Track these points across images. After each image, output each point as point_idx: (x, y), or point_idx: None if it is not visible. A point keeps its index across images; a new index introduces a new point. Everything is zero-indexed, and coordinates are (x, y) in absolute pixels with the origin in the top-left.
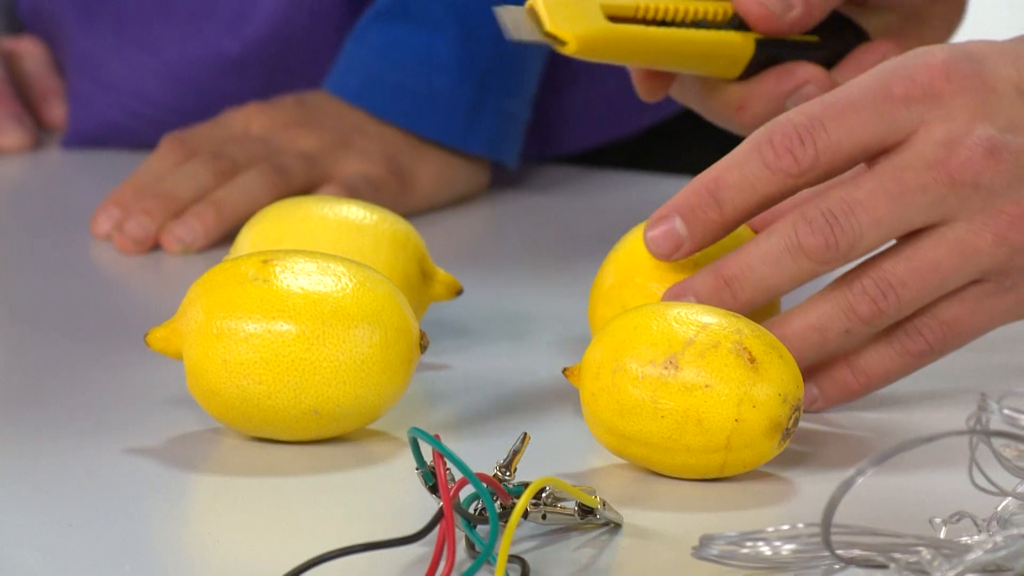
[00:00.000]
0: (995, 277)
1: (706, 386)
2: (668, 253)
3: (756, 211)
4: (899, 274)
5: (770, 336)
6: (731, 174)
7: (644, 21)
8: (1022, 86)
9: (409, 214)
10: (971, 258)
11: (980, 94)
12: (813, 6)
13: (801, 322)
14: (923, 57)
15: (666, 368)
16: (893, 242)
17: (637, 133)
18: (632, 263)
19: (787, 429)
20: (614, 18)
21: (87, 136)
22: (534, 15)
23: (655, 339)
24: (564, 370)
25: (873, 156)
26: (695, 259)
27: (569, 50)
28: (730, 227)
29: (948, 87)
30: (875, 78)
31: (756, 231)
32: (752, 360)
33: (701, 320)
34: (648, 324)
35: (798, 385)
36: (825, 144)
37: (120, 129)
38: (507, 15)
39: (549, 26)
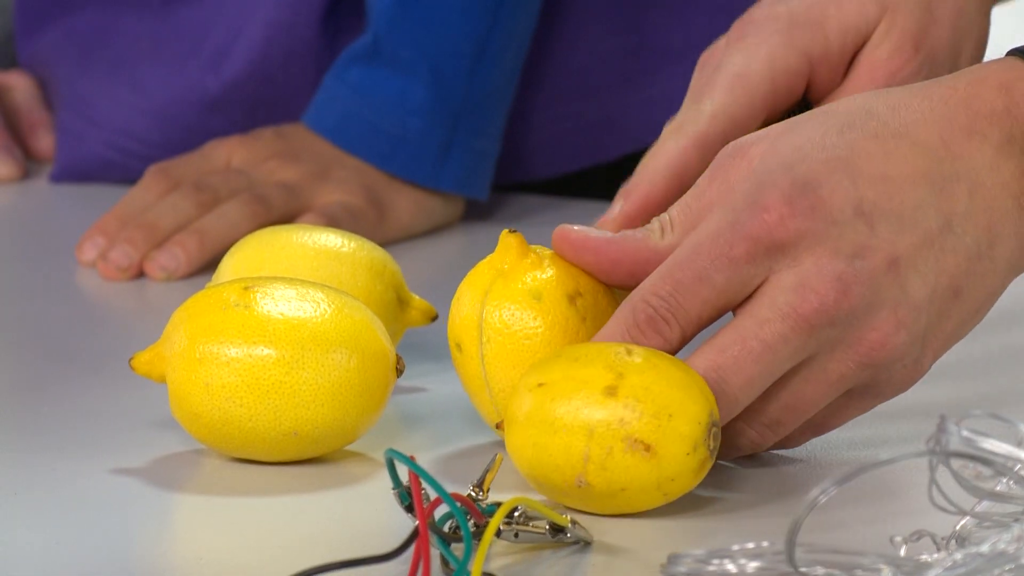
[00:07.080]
0: (860, 390)
1: (622, 489)
2: None
3: None
4: (773, 415)
5: (654, 402)
6: None
7: None
8: (861, 205)
9: (386, 243)
10: (837, 384)
11: (821, 229)
12: None
13: None
14: (755, 206)
15: (580, 486)
16: None
17: (608, 162)
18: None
19: (711, 450)
20: None
21: (75, 171)
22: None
23: (558, 461)
24: (496, 426)
25: (732, 308)
26: None
27: None
28: None
29: (787, 234)
30: (716, 241)
31: None
32: (647, 449)
33: (587, 424)
34: (548, 442)
35: (700, 420)
36: (686, 320)
37: (108, 164)
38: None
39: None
